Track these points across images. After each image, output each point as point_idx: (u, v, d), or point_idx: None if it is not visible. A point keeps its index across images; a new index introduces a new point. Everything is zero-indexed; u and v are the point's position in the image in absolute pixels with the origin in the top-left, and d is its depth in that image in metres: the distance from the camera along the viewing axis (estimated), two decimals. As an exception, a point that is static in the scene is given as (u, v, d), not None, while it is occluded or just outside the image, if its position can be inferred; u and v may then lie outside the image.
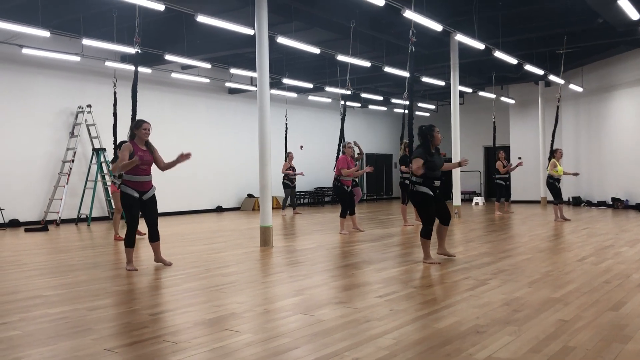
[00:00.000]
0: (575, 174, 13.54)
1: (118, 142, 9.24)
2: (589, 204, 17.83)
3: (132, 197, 6.53)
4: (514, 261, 6.88)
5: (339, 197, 10.56)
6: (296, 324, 4.12)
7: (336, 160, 10.55)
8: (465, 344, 3.55)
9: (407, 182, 11.02)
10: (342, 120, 12.06)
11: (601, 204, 17.25)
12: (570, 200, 18.38)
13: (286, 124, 17.29)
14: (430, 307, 4.61)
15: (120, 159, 6.56)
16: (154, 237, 6.82)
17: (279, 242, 9.23)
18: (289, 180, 16.16)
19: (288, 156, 16.31)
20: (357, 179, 11.32)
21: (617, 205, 16.32)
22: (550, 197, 14.31)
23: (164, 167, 6.88)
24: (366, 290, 5.37)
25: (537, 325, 3.96)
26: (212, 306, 4.74)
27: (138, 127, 6.67)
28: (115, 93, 9.99)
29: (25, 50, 12.19)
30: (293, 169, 16.30)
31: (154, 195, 6.74)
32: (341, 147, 10.77)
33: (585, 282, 5.52)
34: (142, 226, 7.13)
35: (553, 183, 12.47)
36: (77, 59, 13.09)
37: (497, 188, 15.26)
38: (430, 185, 6.72)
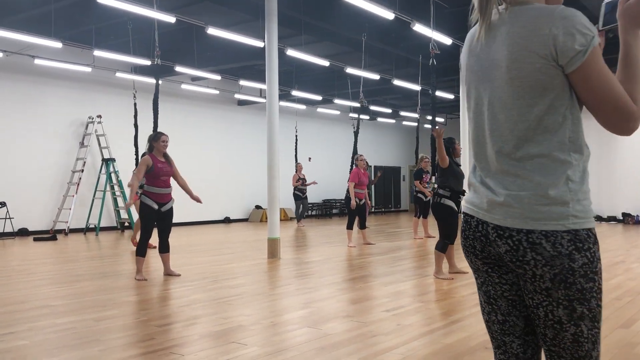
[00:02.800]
0: None
1: (141, 153, 9.34)
2: (599, 218, 17.70)
3: (151, 209, 6.58)
4: (523, 276, 6.81)
5: (349, 209, 10.55)
6: (303, 338, 4.10)
7: (350, 173, 10.59)
8: (474, 360, 3.52)
9: (420, 195, 11.07)
10: (356, 133, 12.10)
11: (611, 219, 17.12)
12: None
13: (296, 135, 17.32)
14: (438, 322, 4.58)
15: (136, 175, 6.71)
16: (164, 248, 6.86)
17: (286, 254, 9.22)
18: (299, 192, 16.16)
19: (297, 167, 16.33)
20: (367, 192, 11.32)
21: (628, 220, 16.19)
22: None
23: (181, 183, 6.96)
24: (374, 304, 5.34)
25: (547, 342, 3.92)
26: (220, 318, 4.73)
27: (156, 139, 6.73)
28: (135, 104, 10.07)
29: (37, 61, 12.33)
30: (303, 180, 16.30)
31: (171, 208, 6.79)
32: (354, 160, 10.78)
33: (596, 298, 5.45)
34: (154, 238, 7.14)
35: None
36: (88, 69, 13.22)
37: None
38: (456, 199, 6.59)
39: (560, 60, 1.39)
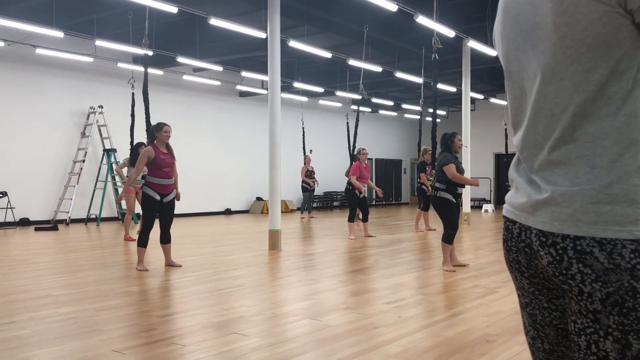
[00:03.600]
0: None
1: (135, 143, 9.34)
2: None
3: (153, 199, 6.58)
4: (524, 270, 6.81)
5: (349, 201, 10.55)
6: (304, 329, 4.10)
7: (350, 166, 10.57)
8: (475, 353, 3.52)
9: (424, 187, 11.04)
10: (356, 125, 12.09)
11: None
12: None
13: (303, 127, 17.29)
14: (439, 314, 4.57)
15: (136, 167, 6.72)
16: (165, 239, 6.86)
17: (287, 246, 9.22)
18: (306, 184, 16.20)
19: (306, 159, 16.34)
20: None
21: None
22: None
23: (175, 178, 6.94)
24: (375, 296, 5.34)
25: (548, 335, 3.91)
26: (221, 309, 4.73)
27: (159, 129, 6.72)
28: (133, 94, 10.04)
29: (38, 51, 12.30)
30: (312, 172, 16.30)
31: (173, 199, 6.79)
32: (355, 153, 10.75)
33: (597, 292, 5.45)
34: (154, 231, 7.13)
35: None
36: (90, 59, 13.18)
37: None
38: (454, 192, 6.69)
39: (630, 3, 1.02)
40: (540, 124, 1.17)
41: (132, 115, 9.70)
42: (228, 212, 18.10)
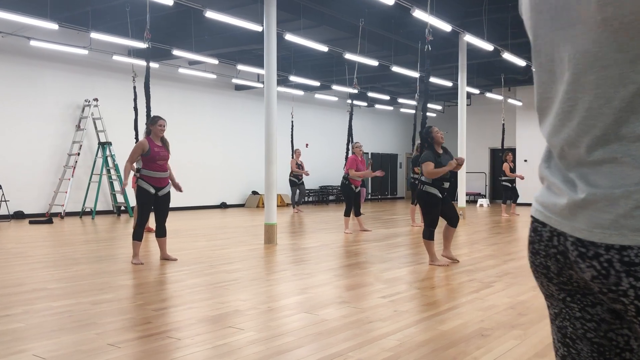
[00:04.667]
0: None
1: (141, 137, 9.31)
2: None
3: (148, 193, 6.58)
4: (519, 264, 6.85)
5: (345, 196, 10.53)
6: (300, 323, 4.10)
7: (346, 160, 10.55)
8: (470, 347, 3.53)
9: (417, 182, 11.04)
10: (350, 119, 12.06)
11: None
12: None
13: (292, 121, 17.26)
14: (434, 308, 4.59)
15: (130, 159, 6.71)
16: (161, 232, 6.87)
17: (283, 240, 9.22)
18: (295, 177, 16.16)
19: (295, 153, 16.30)
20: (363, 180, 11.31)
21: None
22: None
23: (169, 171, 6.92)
24: (370, 290, 5.35)
25: (542, 329, 3.94)
26: (216, 303, 4.73)
27: (153, 123, 6.72)
28: (134, 88, 9.98)
29: (33, 43, 12.22)
30: (301, 166, 16.29)
31: (169, 192, 6.78)
32: (350, 147, 10.72)
33: (591, 287, 5.48)
34: (152, 222, 7.13)
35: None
36: (85, 52, 13.11)
37: (503, 190, 15.23)
38: (439, 186, 6.67)
39: None
40: (574, 118, 1.00)
41: (135, 109, 9.66)
42: (223, 205, 18.09)
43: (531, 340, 3.68)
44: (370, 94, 20.43)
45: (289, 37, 11.17)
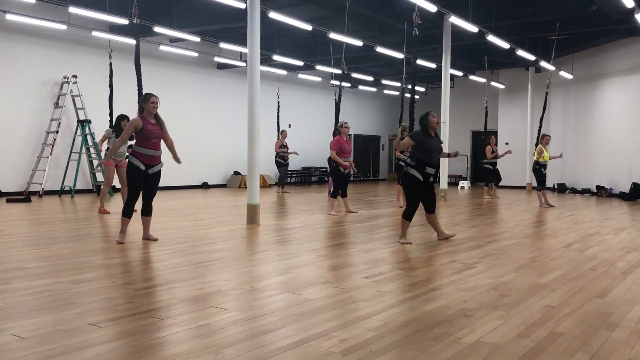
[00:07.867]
0: (560, 156, 13.75)
1: (116, 115, 9.18)
2: (574, 191, 17.97)
3: (138, 169, 6.49)
4: (500, 246, 6.91)
5: (333, 177, 10.46)
6: (283, 303, 4.09)
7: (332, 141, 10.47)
8: (453, 327, 3.55)
9: (402, 163, 11.04)
10: (338, 100, 12.01)
11: (585, 191, 17.39)
12: (555, 187, 18.52)
13: (278, 102, 17.11)
14: (417, 289, 4.60)
15: (121, 137, 6.66)
16: (147, 211, 6.80)
17: (265, 221, 9.18)
18: (280, 158, 16.11)
19: (281, 134, 16.20)
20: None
21: (601, 193, 16.47)
22: (535, 183, 14.44)
23: (169, 143, 6.82)
24: (353, 270, 5.35)
25: (525, 310, 3.97)
26: (199, 282, 4.69)
27: (146, 100, 6.60)
28: (110, 64, 9.78)
29: (9, 16, 11.87)
30: (286, 147, 16.22)
31: (159, 171, 6.70)
32: (338, 127, 10.61)
33: (571, 268, 5.55)
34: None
35: (539, 169, 12.57)
36: (63, 27, 12.78)
37: (485, 172, 15.35)
38: (422, 170, 6.74)
39: None
40: None
41: (111, 86, 9.49)
42: (205, 185, 17.96)
43: (513, 320, 3.71)
44: (354, 75, 20.31)
45: (273, 15, 11.00)
